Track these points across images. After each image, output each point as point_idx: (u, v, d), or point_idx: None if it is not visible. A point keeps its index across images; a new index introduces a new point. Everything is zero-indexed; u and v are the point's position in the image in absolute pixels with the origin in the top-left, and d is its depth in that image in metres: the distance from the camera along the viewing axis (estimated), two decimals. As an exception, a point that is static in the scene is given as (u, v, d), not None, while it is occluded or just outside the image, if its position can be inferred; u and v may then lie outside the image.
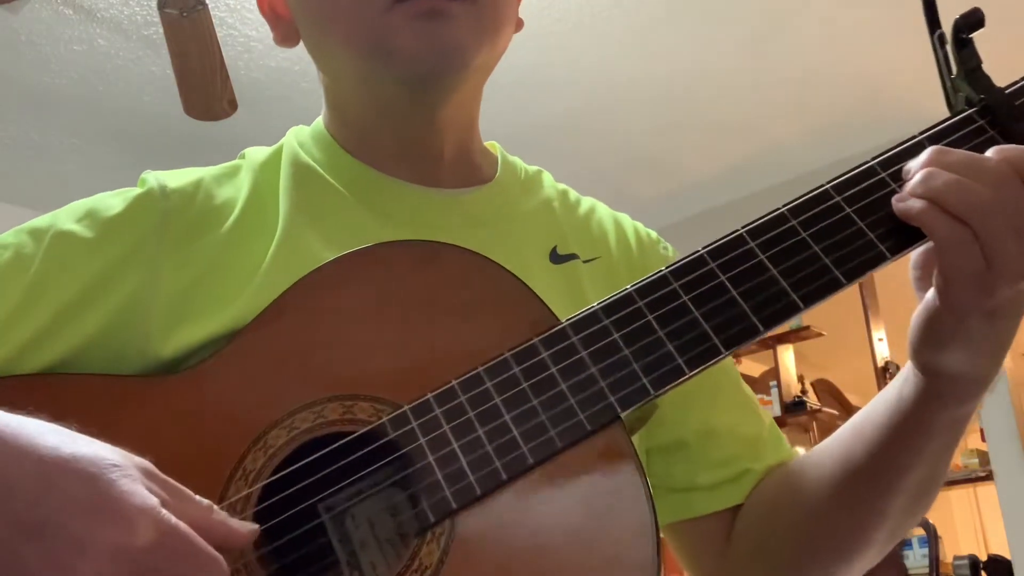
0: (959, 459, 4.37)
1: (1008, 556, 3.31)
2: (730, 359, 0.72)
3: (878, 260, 0.53)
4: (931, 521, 3.16)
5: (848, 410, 5.11)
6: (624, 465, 0.50)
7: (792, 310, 0.52)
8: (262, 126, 3.40)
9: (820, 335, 4.43)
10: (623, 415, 0.51)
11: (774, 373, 4.73)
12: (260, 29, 2.93)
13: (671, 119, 3.50)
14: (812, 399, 4.72)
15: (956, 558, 3.56)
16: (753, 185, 4.00)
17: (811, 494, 0.66)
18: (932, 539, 3.24)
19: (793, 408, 4.54)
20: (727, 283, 0.54)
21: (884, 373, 4.05)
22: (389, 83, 0.65)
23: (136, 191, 0.65)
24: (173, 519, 0.41)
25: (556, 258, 0.72)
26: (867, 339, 3.97)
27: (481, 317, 0.55)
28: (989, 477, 3.56)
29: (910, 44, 3.10)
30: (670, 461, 0.73)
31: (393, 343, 0.55)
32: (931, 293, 0.54)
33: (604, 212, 0.80)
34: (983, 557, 3.50)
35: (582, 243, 0.74)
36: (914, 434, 0.60)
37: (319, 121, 0.74)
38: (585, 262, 0.72)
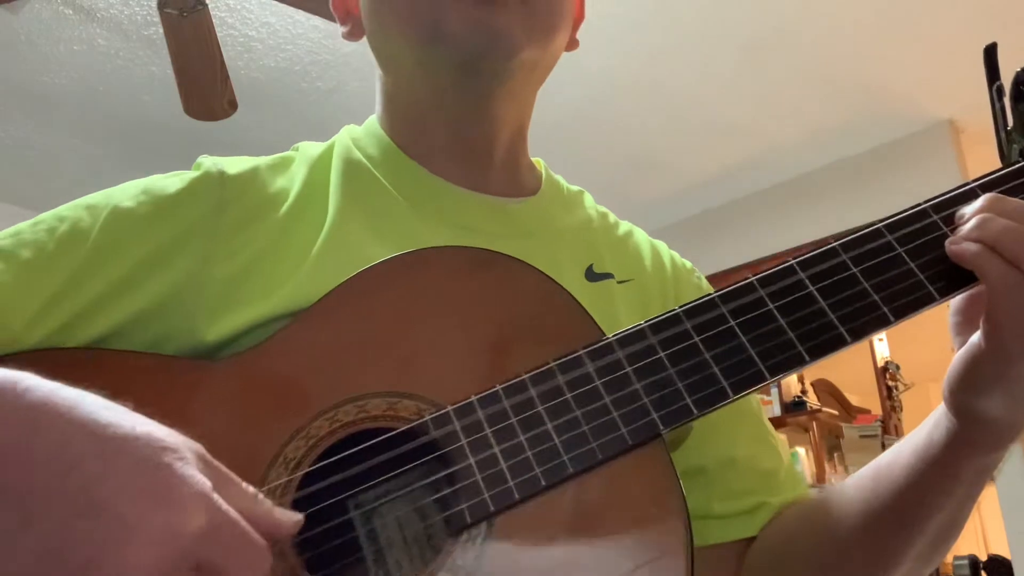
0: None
1: (1008, 556, 3.31)
2: (753, 399, 0.74)
3: (927, 300, 0.54)
4: (931, 521, 3.15)
5: (848, 410, 5.11)
6: (664, 482, 0.50)
7: (839, 343, 0.53)
8: (262, 126, 3.40)
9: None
10: (664, 432, 0.52)
11: (774, 373, 4.73)
12: (260, 29, 2.93)
13: (671, 119, 3.50)
14: (812, 399, 4.72)
15: (956, 558, 3.56)
16: (753, 185, 4.00)
17: (830, 529, 0.66)
18: (932, 539, 3.23)
19: (793, 408, 4.54)
20: (775, 311, 0.54)
21: (884, 373, 4.06)
22: (443, 67, 0.67)
23: (194, 174, 0.66)
24: (225, 506, 0.42)
25: (592, 276, 0.72)
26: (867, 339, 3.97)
27: (534, 328, 0.56)
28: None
29: (910, 45, 3.10)
30: (687, 487, 0.69)
31: (441, 345, 0.55)
32: (976, 337, 0.55)
33: (642, 237, 0.81)
34: (983, 557, 3.50)
35: (618, 264, 0.75)
36: (942, 478, 0.60)
37: (372, 119, 0.77)
38: (619, 283, 0.73)
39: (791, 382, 4.68)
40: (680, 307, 0.55)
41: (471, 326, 0.56)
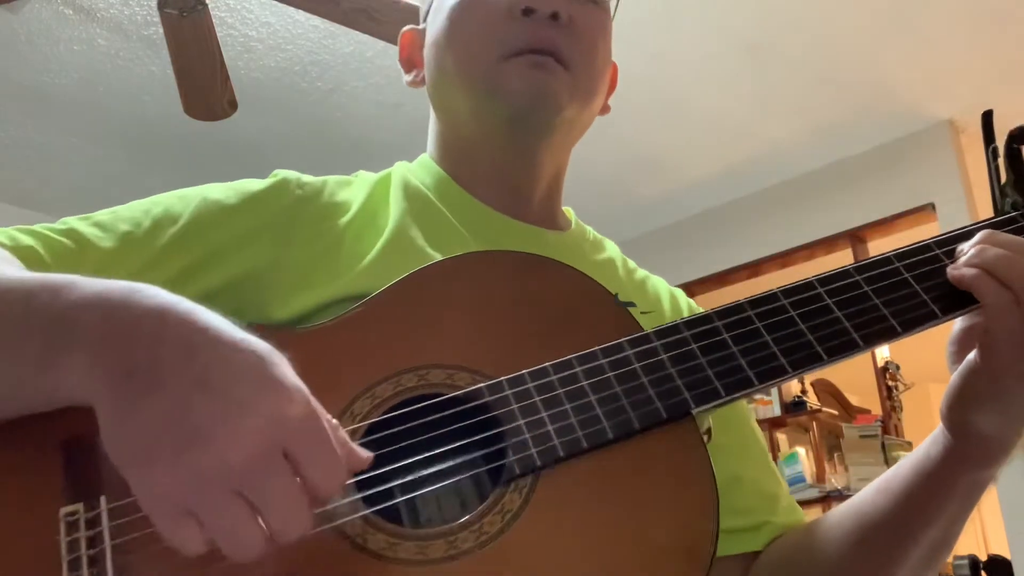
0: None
1: (1008, 556, 3.31)
2: (756, 429, 0.84)
3: (930, 317, 0.61)
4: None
5: (848, 410, 5.11)
6: (694, 452, 0.56)
7: (852, 347, 0.60)
8: (262, 126, 3.40)
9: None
10: (695, 411, 0.58)
11: (774, 373, 4.73)
12: (260, 29, 2.93)
13: (671, 119, 3.50)
14: (812, 399, 4.71)
15: (956, 558, 3.55)
16: (753, 185, 4.00)
17: (832, 541, 0.72)
18: (932, 539, 3.24)
19: (793, 408, 4.54)
20: (796, 317, 0.62)
21: (884, 373, 4.06)
22: (496, 118, 0.77)
23: (275, 178, 0.76)
24: (321, 410, 0.48)
25: (618, 302, 0.78)
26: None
27: (577, 320, 0.63)
28: (989, 477, 3.56)
29: (910, 45, 3.10)
30: None
31: (495, 330, 0.63)
32: (973, 355, 0.62)
33: (659, 281, 0.89)
34: (983, 557, 3.49)
35: (639, 298, 0.82)
36: (937, 492, 0.66)
37: (424, 156, 0.86)
38: (642, 312, 0.79)
39: (791, 382, 4.68)
40: (712, 310, 0.63)
41: (524, 314, 0.64)
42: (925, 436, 0.69)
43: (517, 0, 0.75)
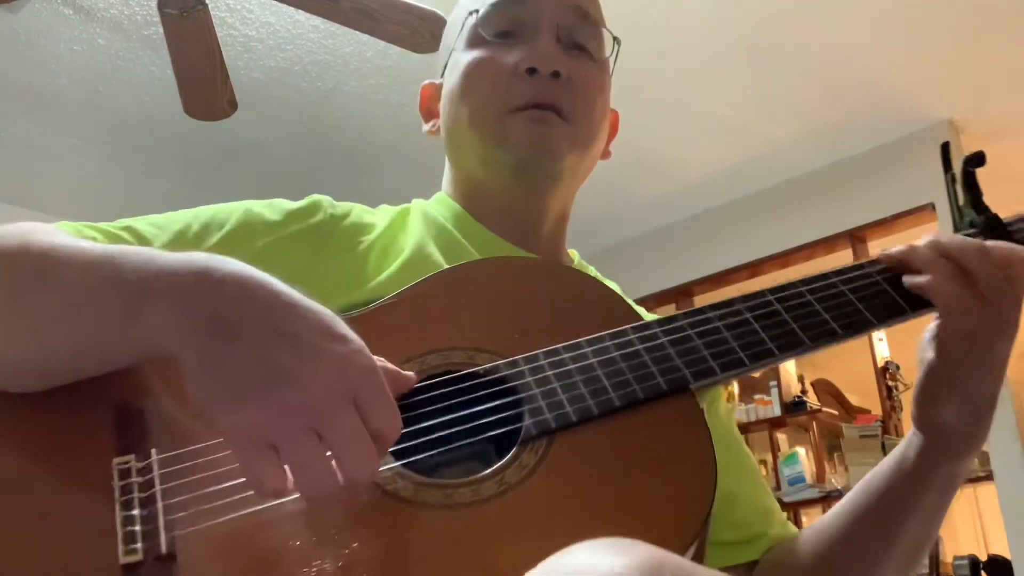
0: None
1: (1008, 556, 3.31)
2: (748, 451, 0.91)
3: (867, 324, 0.69)
4: (931, 521, 3.15)
5: (848, 410, 5.11)
6: (693, 421, 0.63)
7: (800, 346, 0.68)
8: (262, 126, 3.40)
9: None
10: (693, 386, 0.64)
11: (774, 373, 4.73)
12: (260, 29, 2.94)
13: (672, 119, 3.50)
14: (812, 399, 4.71)
15: (956, 558, 3.56)
16: (753, 185, 4.00)
17: (824, 541, 0.78)
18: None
19: (793, 408, 4.54)
20: (781, 310, 0.70)
21: (884, 373, 4.06)
22: (504, 166, 0.85)
23: (310, 199, 0.83)
24: (381, 363, 0.55)
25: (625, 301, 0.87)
26: (867, 339, 3.97)
27: (586, 314, 0.70)
28: (989, 477, 3.56)
29: (910, 45, 3.11)
30: None
31: (513, 320, 0.70)
32: (930, 356, 0.69)
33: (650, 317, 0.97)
34: (983, 557, 3.50)
35: None
36: (914, 486, 0.73)
37: (440, 194, 0.94)
38: None
39: (791, 382, 4.68)
40: (708, 305, 0.70)
41: (540, 308, 0.71)
42: (925, 436, 0.72)
43: (522, 60, 0.83)
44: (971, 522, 6.53)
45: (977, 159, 0.78)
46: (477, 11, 0.87)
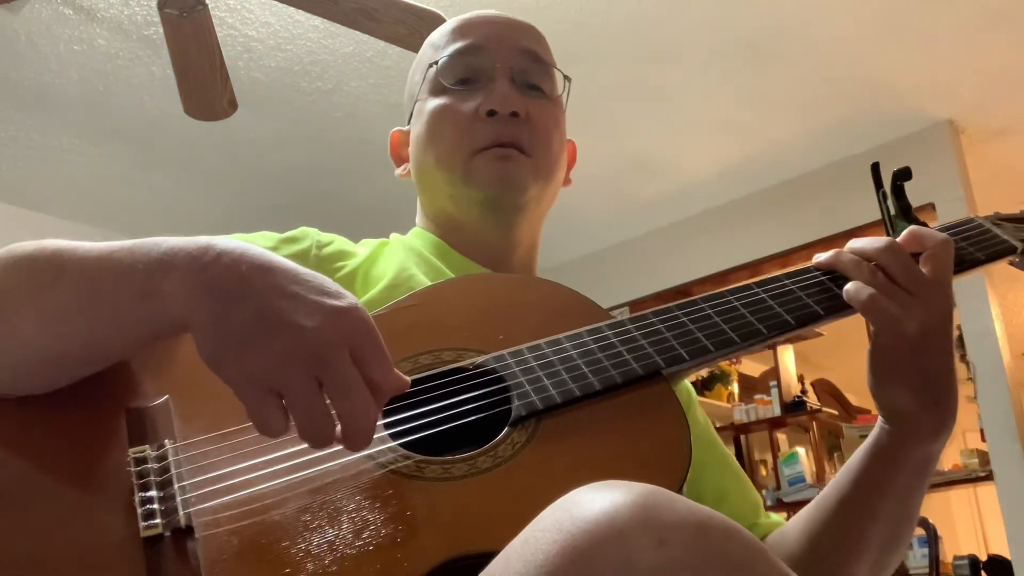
0: (959, 459, 4.37)
1: (1008, 556, 3.31)
2: (731, 454, 0.97)
3: (815, 316, 0.77)
4: (931, 521, 3.16)
5: (848, 410, 5.11)
6: (668, 401, 0.69)
7: (758, 335, 0.76)
8: (262, 126, 3.40)
9: (820, 335, 4.44)
10: (665, 371, 0.71)
11: (774, 373, 4.74)
12: (260, 29, 2.94)
13: (671, 119, 3.50)
14: (812, 399, 4.72)
15: (956, 558, 3.56)
16: (753, 185, 4.00)
17: (809, 527, 0.83)
18: (932, 539, 3.24)
19: (793, 408, 4.55)
20: (739, 305, 0.78)
21: (884, 373, 4.05)
22: (472, 203, 0.91)
23: (296, 230, 0.90)
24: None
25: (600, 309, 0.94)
26: (867, 339, 3.97)
27: (564, 316, 0.77)
28: (989, 477, 3.56)
29: (910, 45, 3.10)
30: None
31: (498, 323, 0.76)
32: (871, 350, 0.76)
33: None
34: (983, 557, 3.50)
35: None
36: (888, 469, 0.77)
37: (415, 228, 1.00)
38: None
39: (791, 382, 4.68)
40: (674, 304, 0.78)
41: (522, 313, 0.78)
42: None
43: (482, 104, 0.90)
44: (971, 522, 6.54)
45: (904, 174, 0.85)
46: (437, 63, 0.94)
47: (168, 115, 3.17)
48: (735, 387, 5.23)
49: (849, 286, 0.75)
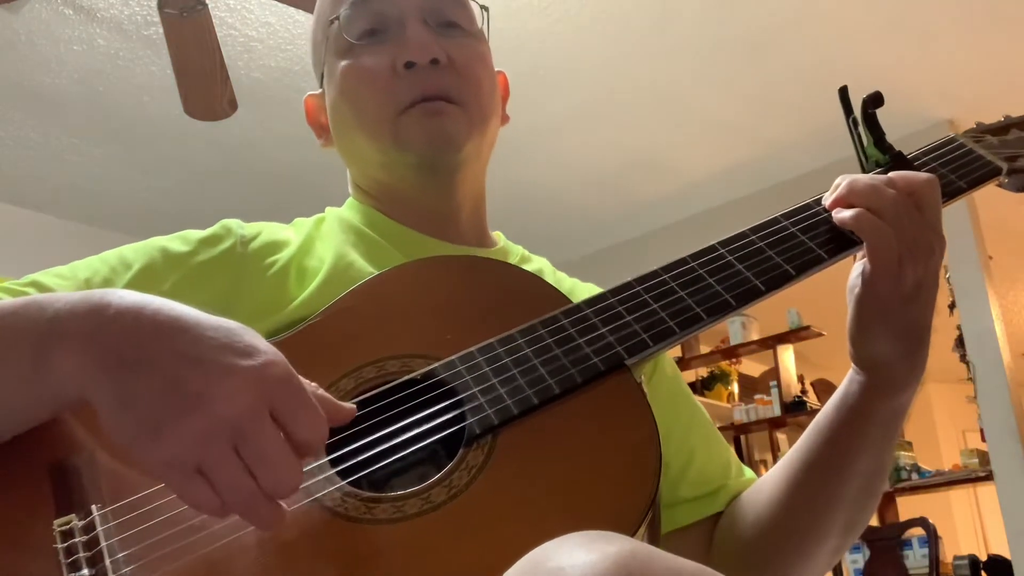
0: (959, 459, 4.36)
1: (1008, 556, 3.32)
2: (699, 404, 0.90)
3: (819, 260, 0.71)
4: (931, 521, 3.16)
5: (848, 410, 5.09)
6: (633, 395, 0.62)
7: (757, 293, 0.70)
8: (262, 126, 3.40)
9: (820, 335, 4.44)
10: (628, 362, 0.64)
11: (774, 373, 4.73)
12: (260, 29, 2.94)
13: (671, 119, 3.50)
14: (812, 399, 4.72)
15: (956, 558, 3.56)
16: (753, 185, 4.00)
17: (779, 487, 0.79)
18: (932, 539, 3.24)
19: (793, 408, 4.54)
20: (704, 274, 0.71)
21: (884, 373, 4.05)
22: (406, 167, 0.83)
23: (219, 224, 0.81)
24: (296, 375, 0.53)
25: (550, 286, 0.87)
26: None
27: (515, 305, 0.70)
28: (989, 477, 3.56)
29: (910, 45, 3.11)
30: None
31: (444, 319, 0.69)
32: (858, 290, 0.71)
33: (588, 286, 0.95)
34: (983, 557, 3.50)
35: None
36: (858, 423, 0.74)
37: (350, 200, 0.91)
38: None
39: (791, 382, 4.68)
40: (632, 277, 0.70)
41: (469, 303, 0.71)
42: (925, 436, 0.74)
43: (398, 56, 0.81)
44: (971, 522, 6.53)
45: (876, 99, 0.80)
46: (338, 17, 0.84)
47: (168, 115, 3.17)
48: (735, 387, 5.23)
49: (850, 215, 0.71)
